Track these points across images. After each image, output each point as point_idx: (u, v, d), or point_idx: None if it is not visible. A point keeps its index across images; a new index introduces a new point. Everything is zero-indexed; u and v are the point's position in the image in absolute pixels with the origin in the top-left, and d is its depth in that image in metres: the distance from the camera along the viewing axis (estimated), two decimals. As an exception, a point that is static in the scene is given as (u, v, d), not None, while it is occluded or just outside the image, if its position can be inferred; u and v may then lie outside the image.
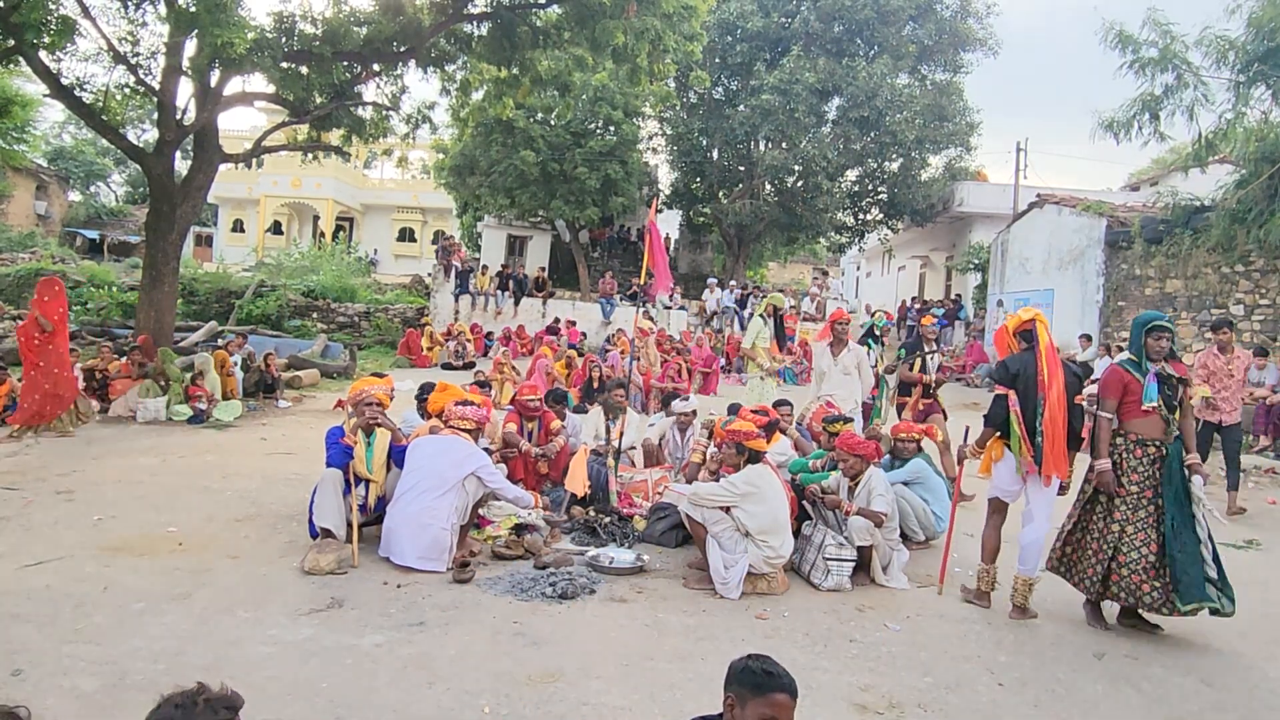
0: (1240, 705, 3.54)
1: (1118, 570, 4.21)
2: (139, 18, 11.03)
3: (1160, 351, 4.31)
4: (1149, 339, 4.32)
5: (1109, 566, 4.25)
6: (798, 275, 40.50)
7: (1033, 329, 4.55)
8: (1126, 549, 4.20)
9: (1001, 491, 4.67)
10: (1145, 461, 4.25)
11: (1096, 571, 4.29)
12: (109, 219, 35.01)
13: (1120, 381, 4.34)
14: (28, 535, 4.97)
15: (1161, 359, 4.32)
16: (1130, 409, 4.32)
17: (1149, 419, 4.27)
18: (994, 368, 4.78)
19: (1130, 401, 4.31)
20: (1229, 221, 11.50)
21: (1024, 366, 4.50)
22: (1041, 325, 4.57)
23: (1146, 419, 4.28)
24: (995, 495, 4.70)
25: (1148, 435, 4.28)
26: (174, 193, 11.15)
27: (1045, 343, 4.51)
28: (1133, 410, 4.30)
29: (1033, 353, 4.50)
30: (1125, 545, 4.21)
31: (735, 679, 2.14)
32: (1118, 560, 4.21)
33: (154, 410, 9.38)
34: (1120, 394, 4.34)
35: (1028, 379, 4.46)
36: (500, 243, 26.77)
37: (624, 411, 6.82)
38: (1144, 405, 4.24)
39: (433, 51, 12.08)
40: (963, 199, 23.28)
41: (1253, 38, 10.81)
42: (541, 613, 4.14)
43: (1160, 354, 4.31)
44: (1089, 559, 4.34)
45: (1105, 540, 4.28)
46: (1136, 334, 4.39)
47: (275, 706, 3.05)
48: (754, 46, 21.95)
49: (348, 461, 4.96)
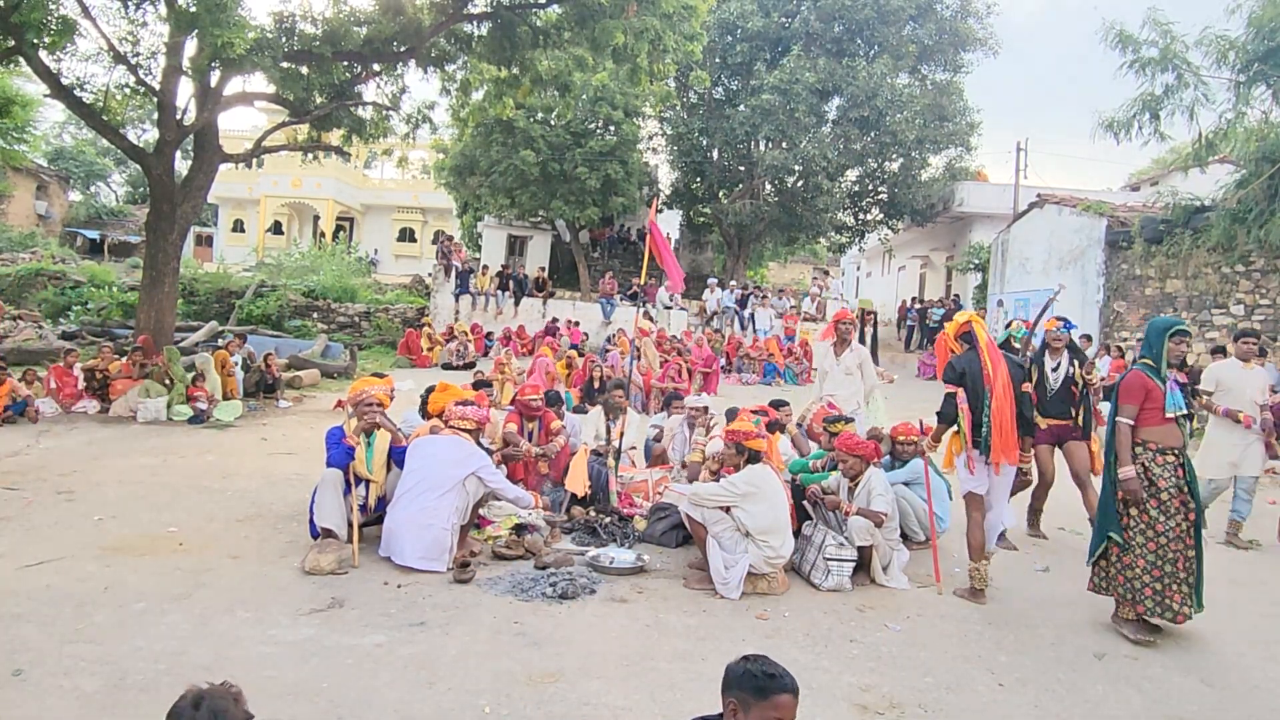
0: (1240, 705, 3.54)
1: (1153, 585, 4.10)
2: (139, 18, 11.01)
3: (1180, 356, 4.26)
4: (1170, 343, 4.23)
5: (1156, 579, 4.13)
6: (798, 275, 40.48)
7: (971, 330, 4.77)
8: (1162, 561, 4.10)
9: (970, 488, 4.75)
10: (1170, 469, 4.14)
11: (1155, 589, 4.11)
12: (109, 219, 35.00)
13: (1143, 387, 4.21)
14: (28, 535, 4.97)
15: (1179, 366, 4.27)
16: (1150, 416, 4.20)
17: (1167, 427, 4.18)
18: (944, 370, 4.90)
19: (1150, 409, 4.19)
20: (1229, 221, 11.51)
21: (969, 365, 4.70)
22: (979, 325, 4.77)
23: (1165, 427, 4.18)
24: (968, 491, 4.77)
25: (1167, 444, 4.18)
26: (174, 193, 11.15)
27: (984, 340, 4.70)
28: (1152, 418, 4.19)
29: (975, 351, 4.70)
30: (1160, 559, 4.11)
31: (736, 683, 2.09)
32: (1153, 574, 4.11)
33: (154, 410, 9.38)
34: (1142, 400, 4.21)
35: (974, 375, 4.64)
36: (500, 243, 26.77)
37: (624, 411, 6.82)
38: (1168, 413, 4.15)
39: (433, 51, 12.08)
40: (963, 199, 23.30)
41: (1253, 38, 10.83)
42: (542, 613, 4.14)
43: (1180, 359, 4.27)
44: (1141, 576, 4.14)
45: (1151, 554, 4.13)
46: (1156, 339, 4.27)
47: (276, 706, 3.05)
48: (754, 46, 21.96)
49: (349, 462, 4.96)
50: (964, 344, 4.82)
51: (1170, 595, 4.07)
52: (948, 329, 4.95)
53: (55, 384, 9.84)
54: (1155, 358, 4.24)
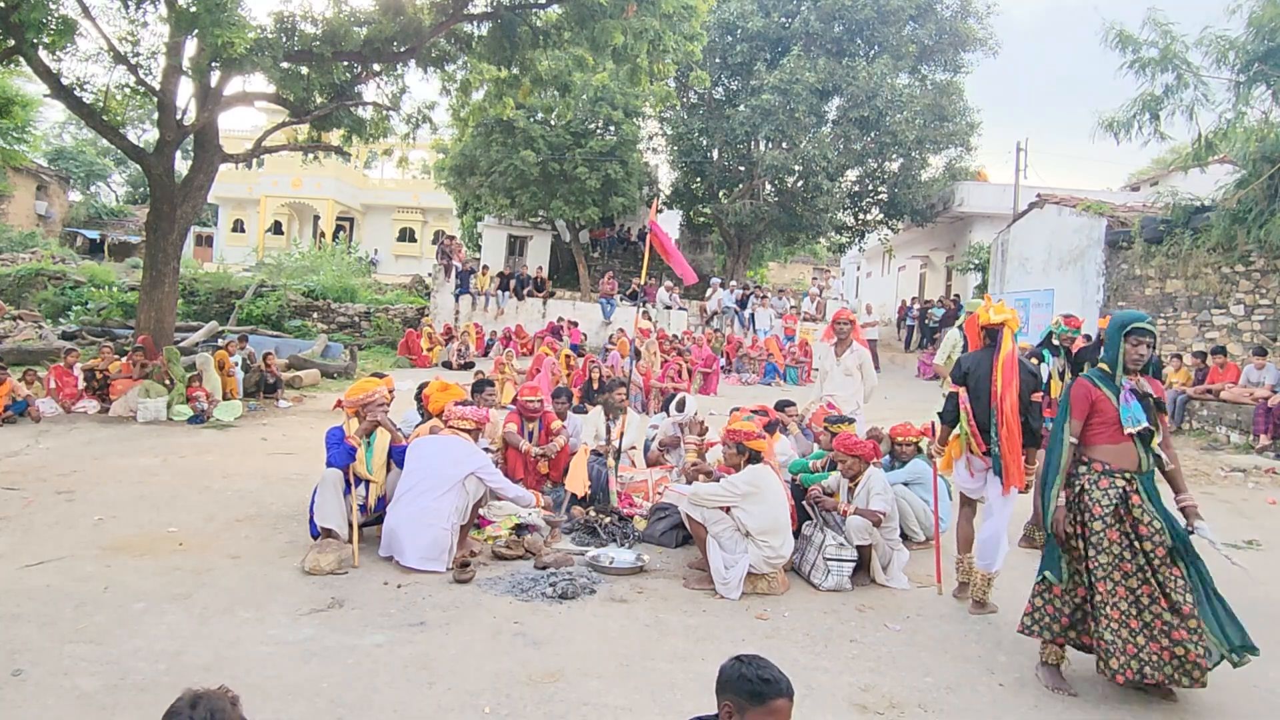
0: (1240, 705, 3.54)
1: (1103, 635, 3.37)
2: (139, 18, 11.02)
3: (1139, 361, 3.49)
4: (1127, 344, 3.51)
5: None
6: (798, 275, 40.49)
7: (999, 333, 4.35)
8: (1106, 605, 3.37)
9: (964, 488, 4.71)
10: (1112, 495, 3.44)
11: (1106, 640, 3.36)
12: (109, 219, 35.01)
13: (1085, 398, 3.55)
14: (28, 535, 4.97)
15: (1139, 370, 3.54)
16: (1098, 432, 3.53)
17: (1122, 446, 3.48)
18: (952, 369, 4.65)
19: (1099, 423, 3.52)
20: (1229, 221, 11.50)
21: (976, 365, 4.45)
22: (1008, 332, 4.32)
23: (1119, 446, 3.48)
24: (961, 491, 4.74)
25: (1117, 465, 3.48)
26: (174, 193, 11.15)
27: (1007, 350, 4.27)
28: (1102, 433, 3.52)
29: (990, 354, 4.38)
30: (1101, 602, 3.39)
31: (730, 687, 2.06)
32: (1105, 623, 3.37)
33: (154, 410, 9.38)
34: (1087, 414, 3.54)
35: (978, 378, 4.40)
36: (500, 243, 26.77)
37: (624, 411, 6.82)
38: (1125, 430, 3.45)
39: (433, 51, 12.08)
40: (963, 199, 23.30)
41: (1253, 38, 10.83)
42: (542, 613, 4.14)
43: (1139, 364, 3.50)
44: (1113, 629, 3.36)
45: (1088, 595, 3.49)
46: (1113, 338, 3.56)
47: (275, 706, 3.05)
48: (754, 46, 21.96)
49: (349, 462, 4.97)
50: (986, 339, 4.49)
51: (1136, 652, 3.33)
52: (979, 314, 4.51)
53: (55, 384, 9.85)
54: (1112, 361, 3.56)
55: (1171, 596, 3.34)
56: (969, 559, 4.66)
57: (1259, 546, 6.26)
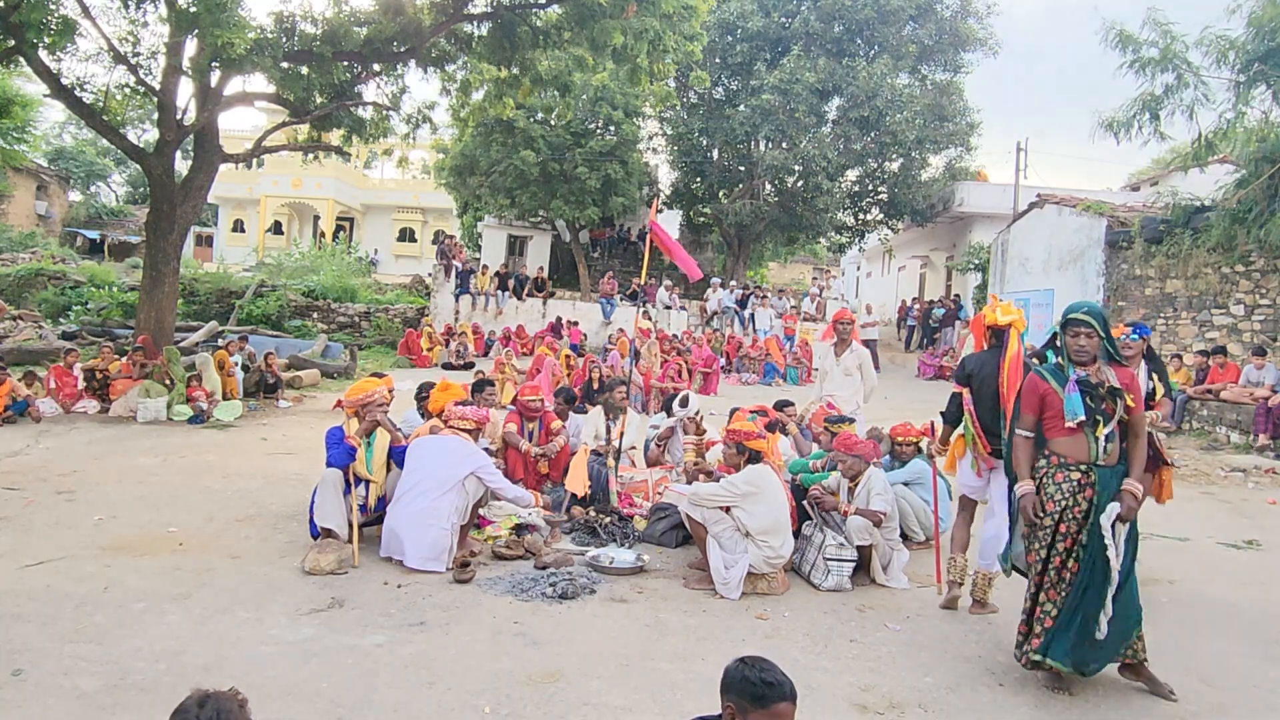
0: (1240, 705, 3.54)
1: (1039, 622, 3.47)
2: (139, 18, 11.03)
3: (1081, 353, 3.48)
4: (1066, 336, 3.53)
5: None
6: (798, 275, 40.49)
7: (1006, 333, 4.33)
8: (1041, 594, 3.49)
9: (967, 489, 4.69)
10: (1066, 491, 3.45)
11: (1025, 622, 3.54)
12: (109, 219, 35.03)
13: (1034, 392, 3.58)
14: (28, 535, 4.97)
15: (1086, 361, 3.49)
16: (1051, 425, 3.55)
17: (1073, 438, 3.48)
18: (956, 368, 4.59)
19: (1050, 417, 3.54)
20: (1229, 221, 11.50)
21: (980, 366, 4.42)
22: (1015, 334, 4.30)
23: (1070, 438, 3.49)
24: (963, 493, 4.72)
25: (1072, 458, 3.49)
26: (174, 193, 11.16)
27: (1013, 351, 4.24)
28: (1055, 426, 3.53)
29: (996, 355, 4.36)
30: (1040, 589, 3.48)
31: (734, 688, 2.08)
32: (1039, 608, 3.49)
33: (154, 410, 9.38)
34: (1038, 408, 3.58)
35: (983, 379, 4.38)
36: (500, 243, 26.78)
37: (624, 411, 6.82)
38: (1067, 422, 3.45)
39: (433, 51, 12.08)
40: (963, 199, 23.31)
41: (1253, 37, 10.83)
42: (542, 613, 4.14)
43: (1082, 356, 3.48)
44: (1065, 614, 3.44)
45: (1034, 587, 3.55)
46: (1060, 330, 3.59)
47: (275, 706, 3.05)
48: (754, 46, 21.96)
49: (349, 462, 4.97)
50: (993, 339, 4.45)
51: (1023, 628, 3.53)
52: (985, 314, 4.48)
53: (55, 384, 9.84)
54: (1064, 354, 3.58)
55: (1059, 586, 3.47)
56: (963, 560, 4.64)
57: (1259, 546, 6.26)
